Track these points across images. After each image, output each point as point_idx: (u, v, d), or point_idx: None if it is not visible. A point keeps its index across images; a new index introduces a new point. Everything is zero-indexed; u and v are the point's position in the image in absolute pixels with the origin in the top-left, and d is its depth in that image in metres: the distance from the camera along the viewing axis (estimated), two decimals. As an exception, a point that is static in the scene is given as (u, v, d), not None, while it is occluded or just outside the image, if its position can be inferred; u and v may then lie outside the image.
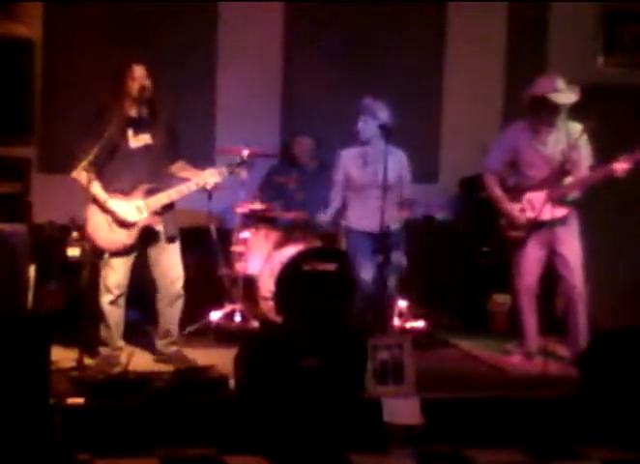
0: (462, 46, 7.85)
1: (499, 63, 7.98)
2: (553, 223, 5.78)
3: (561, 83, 5.71)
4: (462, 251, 7.53)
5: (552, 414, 5.14)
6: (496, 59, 7.97)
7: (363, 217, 6.31)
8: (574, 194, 5.87)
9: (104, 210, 5.48)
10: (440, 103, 7.90)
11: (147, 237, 5.57)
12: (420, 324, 6.54)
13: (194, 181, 5.61)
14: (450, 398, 5.20)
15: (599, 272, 5.99)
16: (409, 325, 6.46)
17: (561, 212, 5.82)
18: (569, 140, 5.78)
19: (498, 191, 5.97)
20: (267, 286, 6.53)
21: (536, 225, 5.81)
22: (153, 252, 5.64)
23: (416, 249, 6.47)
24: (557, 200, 5.76)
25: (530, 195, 5.86)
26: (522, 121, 5.94)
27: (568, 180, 5.84)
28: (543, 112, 5.76)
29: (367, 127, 6.27)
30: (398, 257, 6.29)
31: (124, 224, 5.49)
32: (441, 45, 7.87)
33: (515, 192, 5.92)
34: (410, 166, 6.43)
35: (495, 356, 6.25)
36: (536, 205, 5.79)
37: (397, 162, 6.28)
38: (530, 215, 5.82)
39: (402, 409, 4.92)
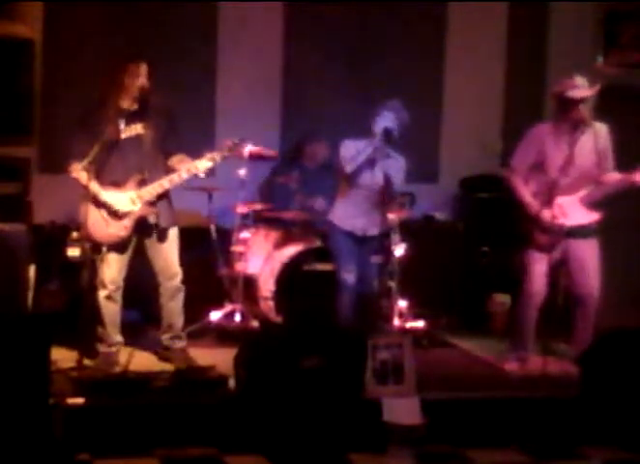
0: (462, 46, 7.86)
1: (499, 63, 7.98)
2: (581, 229, 5.73)
3: (579, 80, 5.66)
4: (462, 251, 7.53)
5: (552, 414, 5.13)
6: (496, 59, 7.97)
7: (351, 217, 6.22)
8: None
9: (99, 203, 5.48)
10: (440, 103, 7.91)
11: (142, 228, 5.57)
12: (420, 324, 6.53)
13: (185, 168, 5.54)
14: (450, 398, 5.20)
15: (602, 272, 5.96)
16: (409, 325, 6.45)
17: (592, 216, 5.77)
18: (597, 142, 5.70)
19: (527, 195, 5.77)
20: (267, 286, 6.53)
21: (566, 232, 5.70)
22: (150, 249, 5.65)
23: (416, 249, 6.46)
24: (589, 204, 5.72)
25: (561, 200, 5.71)
26: (548, 122, 5.88)
27: (597, 184, 5.76)
28: (565, 111, 5.69)
29: (383, 122, 6.06)
30: (377, 260, 6.35)
31: (118, 216, 5.49)
32: (441, 45, 7.88)
33: (545, 197, 5.73)
34: (405, 172, 6.28)
35: (494, 358, 6.22)
36: (566, 210, 5.71)
37: (392, 167, 6.23)
38: (562, 221, 5.69)
39: (402, 409, 4.92)
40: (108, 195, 5.47)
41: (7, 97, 6.88)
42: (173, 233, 5.69)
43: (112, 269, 5.57)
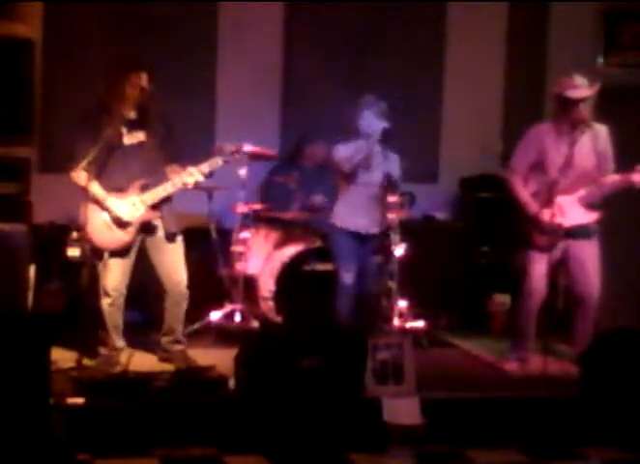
0: (462, 46, 7.86)
1: (499, 63, 7.98)
2: (580, 229, 5.73)
3: (579, 80, 5.65)
4: (462, 251, 7.53)
5: (552, 414, 5.14)
6: (496, 59, 7.98)
7: (352, 215, 6.22)
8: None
9: (103, 208, 5.48)
10: (440, 103, 7.91)
11: (145, 230, 5.57)
12: (420, 324, 6.53)
13: (183, 177, 5.51)
14: (450, 398, 5.20)
15: (602, 272, 5.96)
16: (409, 325, 6.45)
17: (591, 216, 5.77)
18: (597, 144, 5.70)
19: (526, 195, 5.76)
20: (267, 286, 6.53)
21: (565, 232, 5.69)
22: (155, 253, 5.63)
23: (416, 249, 6.46)
24: (588, 204, 5.72)
25: (560, 200, 5.68)
26: (547, 122, 5.88)
27: (597, 183, 5.74)
28: (565, 110, 5.67)
29: (372, 121, 6.10)
30: (377, 260, 6.39)
31: (122, 224, 5.49)
32: (441, 45, 7.88)
33: (544, 196, 5.72)
34: (402, 170, 6.28)
35: (494, 358, 6.22)
36: (566, 210, 5.70)
37: (390, 165, 6.23)
38: (561, 220, 5.67)
39: (402, 409, 4.92)
40: (113, 202, 5.47)
41: (7, 97, 6.89)
42: (178, 239, 5.69)
43: (115, 275, 5.54)
